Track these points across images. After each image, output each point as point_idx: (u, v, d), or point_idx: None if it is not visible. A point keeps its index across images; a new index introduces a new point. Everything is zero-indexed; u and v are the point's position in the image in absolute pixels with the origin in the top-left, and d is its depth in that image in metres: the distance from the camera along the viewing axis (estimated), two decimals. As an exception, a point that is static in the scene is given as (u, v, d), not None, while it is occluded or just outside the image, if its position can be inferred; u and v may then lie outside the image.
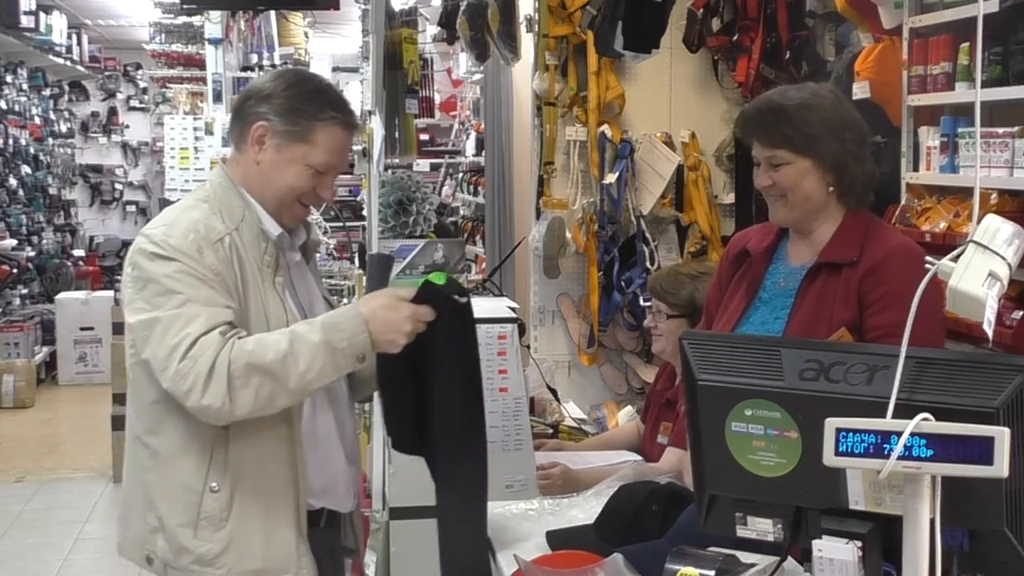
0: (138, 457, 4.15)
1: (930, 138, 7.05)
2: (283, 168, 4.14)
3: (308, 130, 4.13)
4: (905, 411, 2.70)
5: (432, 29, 13.90)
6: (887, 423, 2.68)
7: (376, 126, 7.92)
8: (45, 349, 17.34)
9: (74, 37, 21.64)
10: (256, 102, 4.15)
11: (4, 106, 19.29)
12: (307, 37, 17.16)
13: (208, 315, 3.91)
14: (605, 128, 9.29)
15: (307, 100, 4.16)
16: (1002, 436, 2.57)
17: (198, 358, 3.83)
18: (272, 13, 13.59)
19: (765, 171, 4.51)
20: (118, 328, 12.86)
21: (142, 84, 24.47)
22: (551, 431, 6.88)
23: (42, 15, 18.70)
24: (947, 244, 6.19)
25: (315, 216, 11.07)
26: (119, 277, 13.94)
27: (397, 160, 8.38)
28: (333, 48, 21.27)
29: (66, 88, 23.93)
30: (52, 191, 22.08)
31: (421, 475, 4.30)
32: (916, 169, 7.25)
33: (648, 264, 9.07)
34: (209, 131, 12.83)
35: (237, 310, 4.02)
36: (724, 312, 4.80)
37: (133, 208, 24.97)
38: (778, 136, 4.44)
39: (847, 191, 4.54)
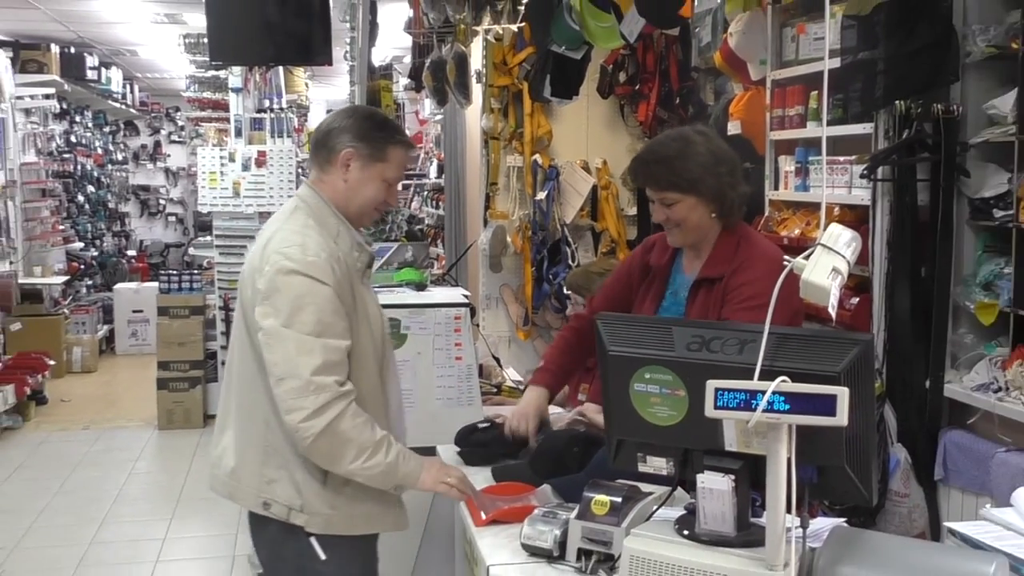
0: (278, 433, 3.93)
1: (787, 164, 7.11)
2: (366, 184, 4.08)
3: (384, 151, 4.08)
4: (768, 375, 2.69)
5: (404, 80, 13.97)
6: (754, 384, 2.67)
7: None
8: (105, 327, 17.22)
9: (128, 86, 21.53)
10: (338, 134, 4.07)
11: (74, 140, 19.22)
12: (307, 86, 17.09)
13: (327, 349, 3.80)
14: (537, 157, 9.35)
15: (380, 129, 4.12)
16: (843, 394, 2.57)
17: (317, 393, 3.73)
18: (280, 67, 13.55)
19: (660, 208, 4.42)
20: (162, 311, 12.97)
21: (180, 123, 24.28)
22: (495, 390, 6.86)
23: (103, 70, 18.71)
24: (800, 246, 6.22)
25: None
26: (163, 272, 13.89)
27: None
28: (327, 95, 21.18)
29: (121, 126, 23.79)
30: (111, 205, 21.97)
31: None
32: (776, 188, 7.30)
33: (570, 262, 9.11)
34: (232, 159, 12.71)
35: (347, 328, 3.92)
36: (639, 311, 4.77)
37: (173, 218, 24.85)
38: (665, 182, 4.34)
39: (727, 213, 4.45)
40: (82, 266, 18.86)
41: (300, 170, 13.00)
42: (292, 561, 4.01)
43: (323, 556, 3.96)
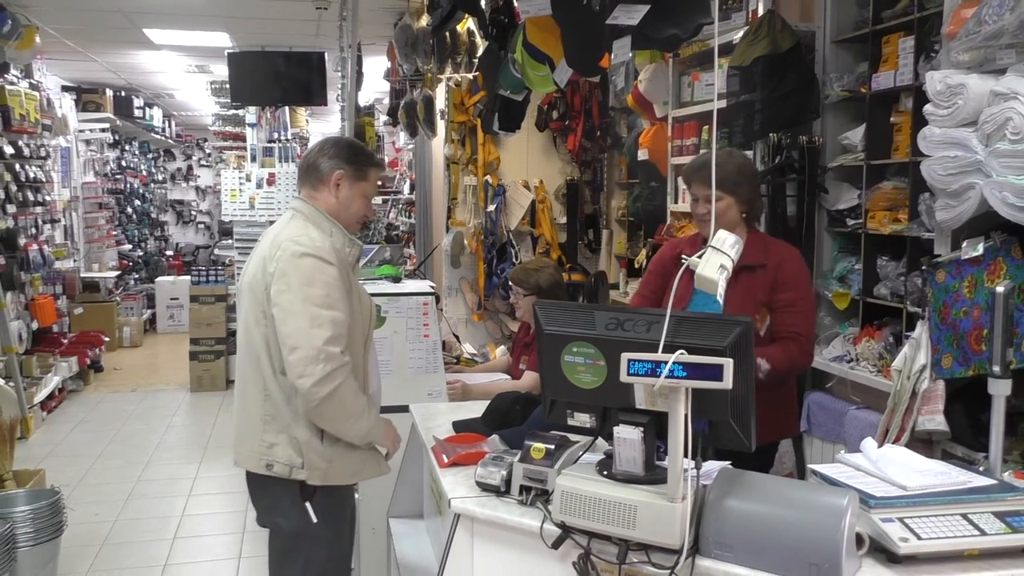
0: (277, 401, 3.89)
1: (684, 184, 7.05)
2: (354, 200, 4.02)
3: (366, 172, 4.04)
4: (670, 349, 2.67)
5: (383, 117, 13.97)
6: (659, 356, 2.64)
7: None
8: (149, 311, 17.21)
9: (166, 122, 21.51)
10: (328, 159, 4.01)
11: (124, 164, 19.38)
12: (307, 122, 17.01)
13: (335, 322, 3.74)
14: (488, 177, 9.32)
15: (362, 154, 4.08)
16: (729, 364, 2.55)
17: (326, 362, 3.66)
18: (286, 107, 13.55)
19: (704, 204, 4.50)
20: (193, 298, 13.01)
21: (207, 151, 24.15)
22: (455, 361, 6.84)
23: (147, 109, 18.77)
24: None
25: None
26: (194, 268, 13.94)
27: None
28: (322, 129, 21.09)
29: (161, 153, 23.74)
30: (153, 215, 22.03)
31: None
32: (676, 202, 7.27)
33: (514, 260, 9.10)
34: (248, 179, 12.84)
35: (347, 307, 3.85)
36: (673, 295, 4.73)
37: (202, 225, 24.76)
38: (717, 182, 4.39)
39: (753, 216, 4.60)
40: (130, 263, 18.98)
41: (301, 188, 13.05)
42: (289, 514, 3.95)
43: (311, 513, 3.91)
